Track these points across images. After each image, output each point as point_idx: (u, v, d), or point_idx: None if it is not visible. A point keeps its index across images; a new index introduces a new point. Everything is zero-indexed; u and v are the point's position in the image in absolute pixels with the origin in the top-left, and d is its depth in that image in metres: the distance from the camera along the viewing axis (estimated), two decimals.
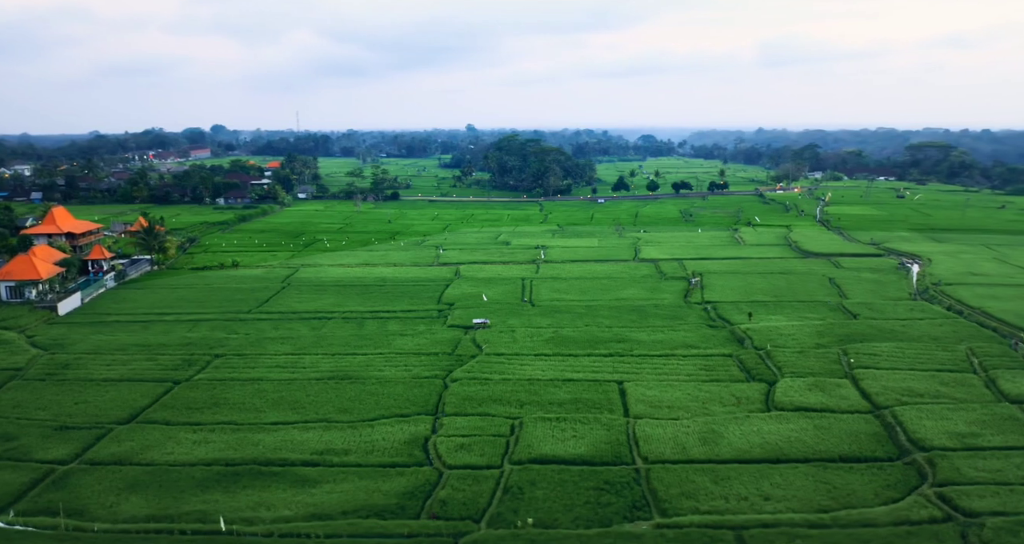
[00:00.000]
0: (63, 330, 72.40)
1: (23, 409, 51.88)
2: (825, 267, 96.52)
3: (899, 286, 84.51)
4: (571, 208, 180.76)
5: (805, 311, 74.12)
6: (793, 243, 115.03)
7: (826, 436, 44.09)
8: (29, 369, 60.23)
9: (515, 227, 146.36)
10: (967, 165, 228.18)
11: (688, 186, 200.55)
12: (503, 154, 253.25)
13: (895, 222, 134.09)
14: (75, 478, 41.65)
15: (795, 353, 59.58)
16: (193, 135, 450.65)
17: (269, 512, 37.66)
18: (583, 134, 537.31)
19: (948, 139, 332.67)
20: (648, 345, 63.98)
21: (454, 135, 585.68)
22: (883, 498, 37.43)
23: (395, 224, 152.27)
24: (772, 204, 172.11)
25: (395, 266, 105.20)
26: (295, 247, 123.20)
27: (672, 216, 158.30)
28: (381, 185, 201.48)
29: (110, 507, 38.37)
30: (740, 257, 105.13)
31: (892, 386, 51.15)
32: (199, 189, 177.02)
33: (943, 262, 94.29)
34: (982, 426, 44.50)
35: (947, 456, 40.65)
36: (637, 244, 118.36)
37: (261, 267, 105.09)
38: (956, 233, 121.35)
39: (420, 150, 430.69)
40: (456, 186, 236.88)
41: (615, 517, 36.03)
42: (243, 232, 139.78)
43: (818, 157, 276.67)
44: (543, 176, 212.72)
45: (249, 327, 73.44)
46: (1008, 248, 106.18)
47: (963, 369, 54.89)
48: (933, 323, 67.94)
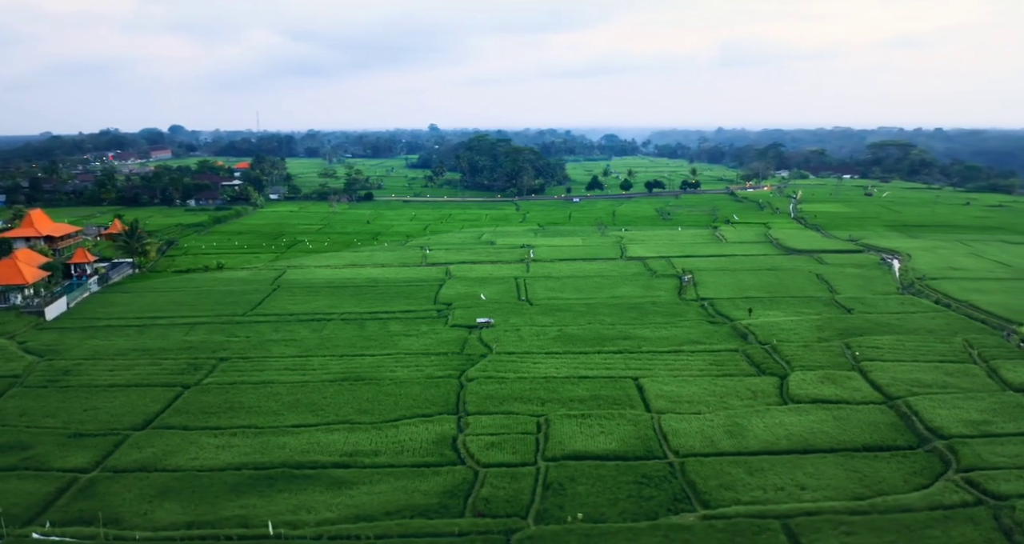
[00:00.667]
0: (55, 335, 70.48)
1: (31, 417, 50.47)
2: (810, 263, 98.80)
3: (885, 281, 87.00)
4: (547, 207, 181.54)
5: (800, 306, 75.85)
6: (775, 240, 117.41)
7: (846, 426, 45.34)
8: (28, 376, 58.57)
9: (496, 227, 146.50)
10: (927, 163, 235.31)
11: (661, 185, 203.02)
12: (474, 154, 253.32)
13: (868, 219, 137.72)
14: (101, 486, 40.72)
15: (800, 347, 60.99)
16: (151, 136, 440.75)
17: (310, 515, 37.35)
18: (547, 134, 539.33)
19: (902, 138, 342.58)
20: (655, 342, 64.83)
21: (417, 135, 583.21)
22: (912, 484, 38.68)
23: (374, 225, 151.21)
24: (745, 202, 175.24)
25: (383, 267, 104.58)
26: (277, 248, 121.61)
27: (649, 215, 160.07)
28: (354, 186, 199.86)
29: (144, 515, 37.63)
30: (725, 254, 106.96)
31: (900, 377, 52.76)
32: (169, 190, 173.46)
33: (922, 257, 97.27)
34: (993, 414, 46.21)
35: (967, 443, 42.15)
36: (621, 243, 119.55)
37: (246, 269, 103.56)
38: (928, 229, 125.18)
39: (386, 150, 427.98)
40: (428, 186, 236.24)
41: (659, 510, 36.59)
42: (220, 234, 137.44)
43: (782, 156, 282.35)
44: (517, 176, 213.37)
45: (248, 330, 72.41)
46: (980, 244, 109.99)
47: (964, 360, 56.86)
48: (925, 316, 70.15)
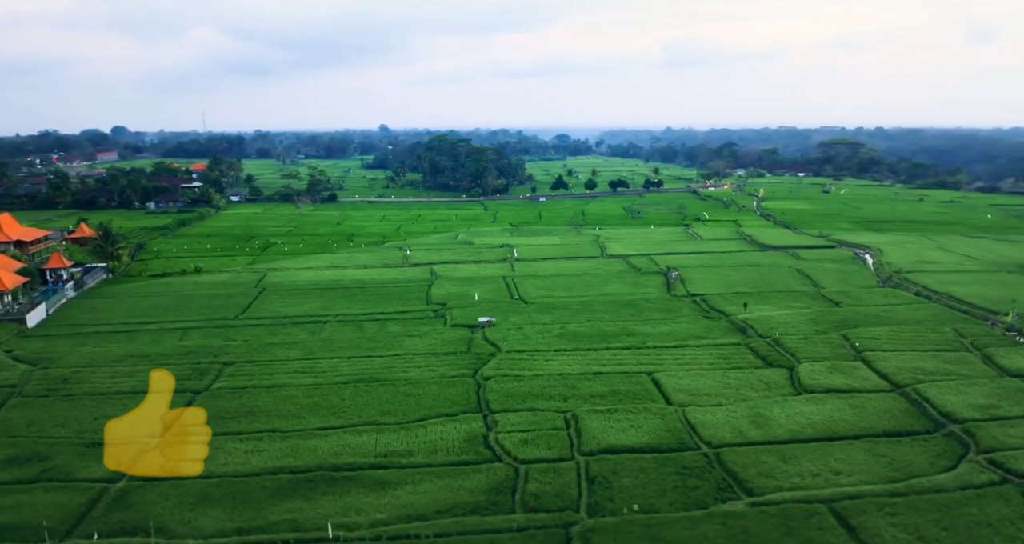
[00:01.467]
0: (41, 343, 68.06)
1: (40, 427, 48.73)
2: (787, 259, 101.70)
3: (863, 275, 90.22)
4: (515, 207, 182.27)
5: (789, 301, 78.12)
6: (748, 237, 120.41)
7: (864, 414, 47.12)
8: (25, 385, 56.47)
9: (469, 227, 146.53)
10: (875, 161, 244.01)
11: (624, 184, 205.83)
12: (435, 154, 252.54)
13: (831, 216, 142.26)
14: (135, 495, 39.65)
15: (801, 340, 62.93)
16: (94, 137, 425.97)
17: (360, 516, 37.12)
18: (500, 134, 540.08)
19: (845, 136, 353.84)
20: (658, 337, 66.00)
21: (368, 135, 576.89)
22: (938, 467, 40.49)
23: (344, 226, 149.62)
24: (709, 200, 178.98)
25: (366, 268, 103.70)
26: (251, 251, 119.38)
27: (618, 213, 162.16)
28: (317, 187, 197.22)
29: (189, 523, 36.87)
30: (704, 252, 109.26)
31: (904, 366, 54.97)
32: (127, 193, 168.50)
33: (893, 252, 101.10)
34: (998, 398, 48.60)
35: (981, 426, 44.29)
36: (599, 241, 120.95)
37: (225, 272, 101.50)
38: (890, 225, 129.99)
39: (339, 151, 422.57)
40: (390, 187, 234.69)
41: (707, 499, 37.51)
42: (188, 237, 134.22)
43: (736, 155, 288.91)
44: (481, 176, 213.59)
45: (244, 333, 71.10)
46: (943, 238, 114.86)
47: (957, 348, 59.55)
48: (910, 308, 73.10)
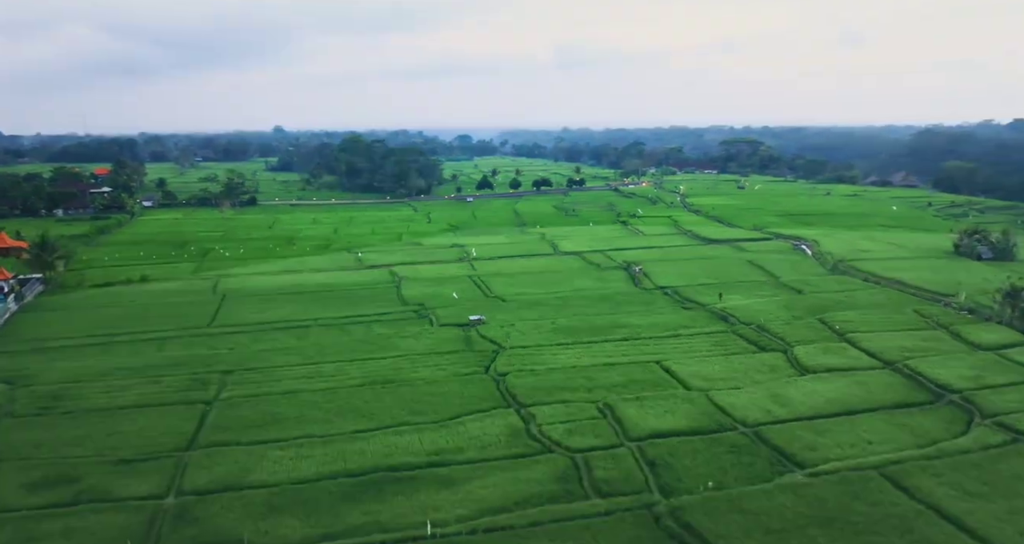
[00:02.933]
0: (5, 360, 63.19)
1: (51, 448, 45.61)
2: (733, 252, 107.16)
3: (810, 264, 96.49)
4: (445, 207, 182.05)
5: (753, 290, 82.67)
6: (688, 232, 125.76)
7: (871, 389, 51.11)
8: (12, 405, 52.54)
9: (407, 227, 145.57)
10: (775, 158, 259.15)
11: (548, 183, 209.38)
12: (350, 155, 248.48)
13: (756, 210, 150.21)
14: (196, 510, 38.08)
15: (783, 325, 67.06)
16: None
17: (441, 513, 37.27)
18: (401, 135, 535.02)
19: (735, 135, 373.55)
20: (648, 328, 68.54)
21: (263, 136, 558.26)
22: (954, 432, 44.69)
23: (277, 230, 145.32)
24: (634, 198, 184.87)
25: (322, 272, 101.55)
26: (189, 258, 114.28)
27: (549, 212, 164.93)
28: (236, 191, 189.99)
29: (266, 533, 35.89)
30: (652, 246, 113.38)
31: (887, 345, 59.73)
32: (32, 200, 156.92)
33: (827, 242, 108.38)
34: (981, 370, 53.78)
35: (977, 394, 49.05)
36: (547, 239, 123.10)
37: (173, 280, 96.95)
38: (811, 217, 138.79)
39: (238, 153, 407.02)
40: (306, 189, 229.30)
41: (767, 473, 39.97)
42: (114, 245, 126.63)
43: (642, 154, 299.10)
44: (404, 177, 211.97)
45: (225, 341, 68.59)
46: (867, 229, 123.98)
47: (926, 327, 65.17)
48: (867, 293, 79.03)
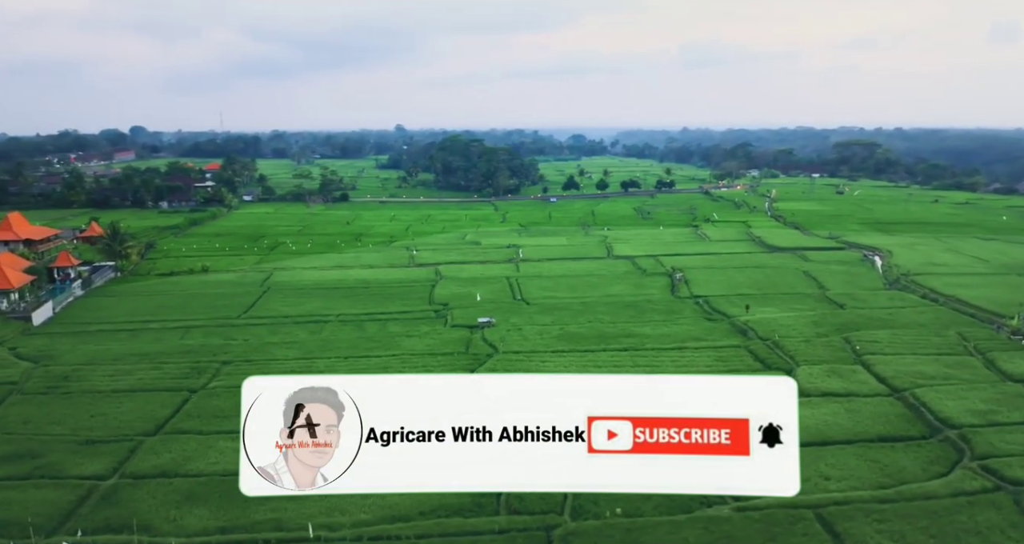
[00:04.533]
0: (45, 341, 68.87)
1: (36, 425, 49.23)
2: (794, 261, 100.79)
3: (870, 277, 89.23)
4: (526, 208, 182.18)
5: (793, 302, 77.38)
6: (757, 238, 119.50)
7: (859, 418, 46.49)
8: (26, 383, 57.10)
9: (478, 227, 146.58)
10: (892, 162, 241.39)
11: (636, 185, 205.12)
12: (447, 154, 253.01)
13: (843, 217, 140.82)
14: (124, 493, 39.97)
15: (801, 342, 62.28)
16: (112, 137, 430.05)
17: (345, 517, 37.09)
18: (515, 134, 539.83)
19: (864, 137, 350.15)
20: (657, 339, 65.59)
21: (384, 136, 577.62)
22: (931, 473, 39.88)
23: (354, 226, 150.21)
24: (721, 201, 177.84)
25: (372, 268, 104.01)
26: (259, 251, 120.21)
27: (628, 214, 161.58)
28: (330, 187, 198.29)
29: (175, 521, 37.06)
30: (710, 253, 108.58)
31: (903, 370, 54.20)
32: (140, 193, 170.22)
33: (902, 254, 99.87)
34: (997, 404, 47.77)
35: (977, 432, 43.54)
36: (607, 242, 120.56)
37: (232, 271, 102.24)
38: (901, 226, 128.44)
39: (354, 151, 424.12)
40: (402, 187, 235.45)
41: (693, 503, 37.15)
42: (198, 236, 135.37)
43: (751, 155, 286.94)
44: (493, 176, 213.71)
45: (245, 332, 71.52)
46: (955, 240, 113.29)
47: (960, 352, 58.65)
48: (915, 311, 72.15)
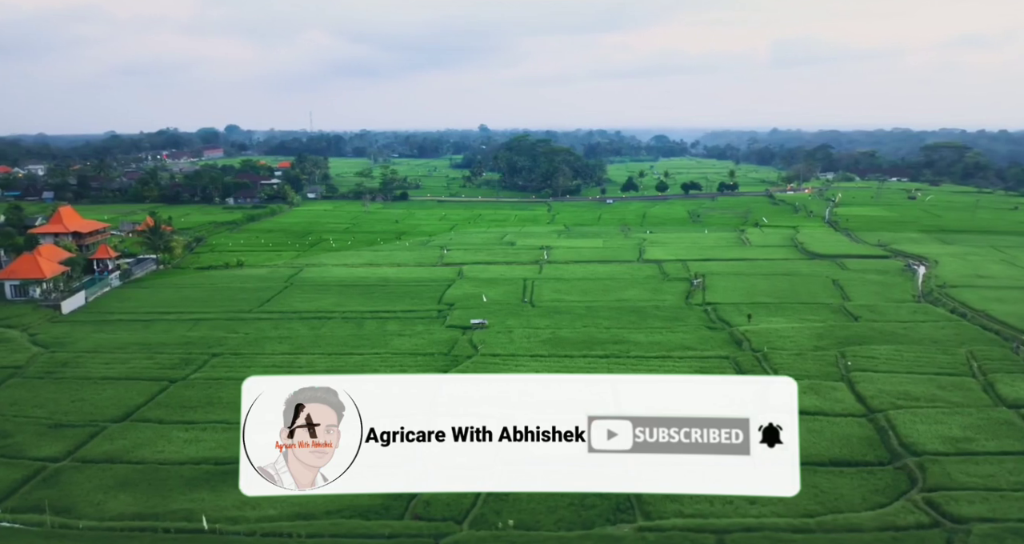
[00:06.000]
0: (66, 328, 73.07)
1: (20, 407, 52.32)
2: (830, 269, 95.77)
3: (904, 288, 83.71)
4: (579, 208, 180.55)
5: (807, 313, 73.53)
6: (799, 244, 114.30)
7: (817, 439, 43.71)
8: (29, 367, 60.79)
9: (521, 227, 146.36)
10: (981, 166, 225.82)
11: (698, 187, 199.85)
12: (513, 154, 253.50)
13: (905, 223, 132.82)
14: (66, 475, 42.01)
15: (792, 355, 59.14)
16: (207, 135, 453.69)
17: (255, 511, 37.73)
18: (596, 134, 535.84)
19: (964, 140, 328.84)
20: (645, 347, 63.68)
21: (467, 135, 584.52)
22: (871, 503, 37.05)
23: (402, 224, 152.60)
24: (781, 205, 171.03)
25: (399, 266, 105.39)
26: (300, 247, 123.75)
27: (680, 217, 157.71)
28: (390, 185, 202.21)
29: (98, 505, 38.67)
30: (745, 258, 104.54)
31: (888, 389, 50.63)
32: (209, 189, 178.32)
33: (950, 264, 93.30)
34: (977, 430, 43.95)
35: (939, 461, 40.18)
36: (642, 245, 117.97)
37: (266, 267, 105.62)
38: (966, 235, 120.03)
39: (432, 150, 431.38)
40: (466, 186, 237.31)
41: (598, 520, 35.85)
42: (250, 232, 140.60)
43: (831, 157, 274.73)
44: (552, 176, 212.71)
45: (249, 326, 73.71)
46: (1017, 250, 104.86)
47: (962, 373, 54.24)
48: (935, 326, 67.22)
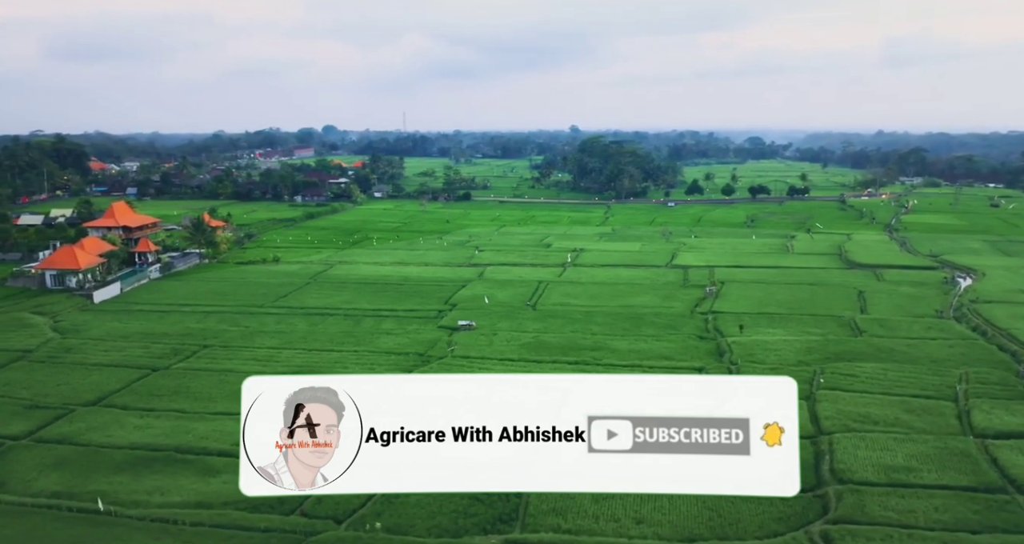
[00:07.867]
0: (89, 317, 78.04)
1: (10, 388, 56.29)
2: (863, 279, 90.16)
3: (932, 302, 77.71)
4: (637, 211, 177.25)
5: (811, 325, 69.59)
6: (844, 253, 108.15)
7: None
8: (37, 351, 65.31)
9: (568, 229, 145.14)
10: None
11: (766, 191, 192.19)
12: (584, 155, 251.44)
13: (973, 232, 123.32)
14: (13, 454, 44.96)
15: (768, 369, 56.12)
16: (304, 135, 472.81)
17: (161, 497, 39.32)
18: (686, 135, 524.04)
19: None
20: (622, 354, 62.01)
21: (556, 136, 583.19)
22: (766, 531, 34.84)
23: (452, 224, 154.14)
24: (849, 211, 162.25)
25: (426, 265, 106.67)
26: (343, 244, 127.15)
27: (735, 221, 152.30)
28: (453, 185, 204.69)
29: (28, 482, 41.19)
30: (777, 266, 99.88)
31: (848, 411, 47.28)
32: (279, 187, 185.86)
33: (996, 277, 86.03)
34: (923, 460, 40.42)
35: (861, 491, 37.25)
36: (678, 249, 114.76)
37: (300, 263, 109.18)
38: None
39: (516, 151, 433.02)
40: (534, 187, 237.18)
41: (474, 528, 35.29)
42: (304, 229, 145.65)
43: (924, 161, 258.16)
44: (617, 178, 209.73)
45: (254, 320, 76.45)
46: None
47: (943, 396, 49.94)
48: (944, 344, 62.18)
